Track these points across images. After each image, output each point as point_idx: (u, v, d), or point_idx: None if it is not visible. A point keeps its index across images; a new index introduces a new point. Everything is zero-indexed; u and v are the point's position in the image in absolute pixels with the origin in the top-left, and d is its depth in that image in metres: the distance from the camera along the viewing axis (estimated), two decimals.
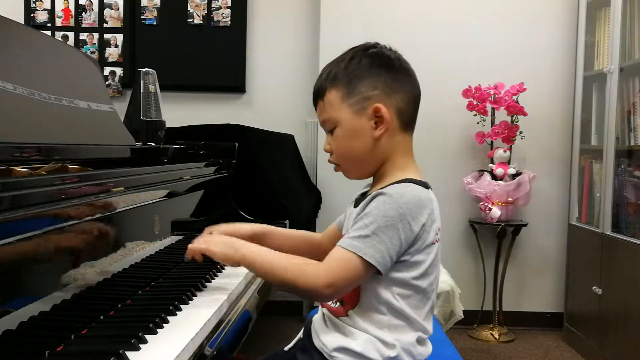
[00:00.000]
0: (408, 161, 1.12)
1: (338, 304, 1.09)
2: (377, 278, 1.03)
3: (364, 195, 1.15)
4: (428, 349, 1.10)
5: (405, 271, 1.03)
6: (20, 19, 3.27)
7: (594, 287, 2.66)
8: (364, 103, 1.07)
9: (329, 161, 1.15)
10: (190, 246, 1.15)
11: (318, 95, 1.13)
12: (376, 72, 1.08)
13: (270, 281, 1.07)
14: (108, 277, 1.08)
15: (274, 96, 3.35)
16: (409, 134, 1.13)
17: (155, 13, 3.29)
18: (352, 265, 0.99)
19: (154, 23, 3.29)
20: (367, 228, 1.00)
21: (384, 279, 1.02)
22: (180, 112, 3.06)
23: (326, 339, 1.08)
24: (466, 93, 3.02)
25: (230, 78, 3.31)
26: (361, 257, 0.99)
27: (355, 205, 1.12)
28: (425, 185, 1.08)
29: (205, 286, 1.25)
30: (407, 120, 1.11)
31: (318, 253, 1.24)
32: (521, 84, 2.99)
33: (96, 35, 3.31)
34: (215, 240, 1.14)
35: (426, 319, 1.08)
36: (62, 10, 3.30)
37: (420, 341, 1.07)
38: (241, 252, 1.08)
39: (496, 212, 2.92)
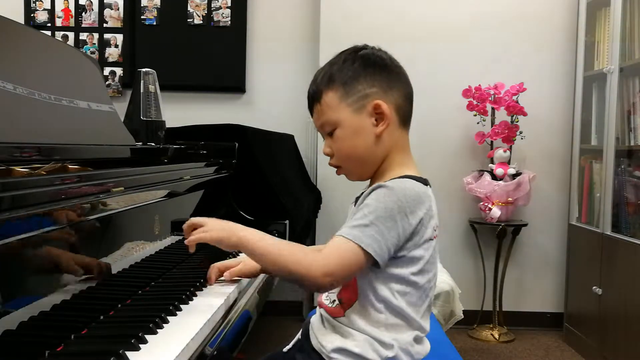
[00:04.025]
0: (406, 158, 1.13)
1: (336, 303, 1.09)
2: (376, 274, 1.03)
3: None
4: (426, 347, 1.10)
5: (403, 267, 1.04)
6: (20, 19, 3.27)
7: (594, 287, 2.66)
8: (363, 101, 1.08)
9: (330, 164, 1.15)
10: (186, 240, 1.12)
11: (314, 98, 1.12)
12: (371, 71, 1.09)
13: (269, 268, 1.06)
14: (108, 277, 1.08)
15: (274, 96, 3.35)
16: (407, 131, 1.14)
17: (155, 13, 3.29)
18: (350, 254, 0.99)
19: (154, 23, 3.29)
20: (366, 218, 1.00)
21: (382, 274, 1.03)
22: (180, 112, 3.06)
23: (324, 340, 1.09)
24: (466, 93, 3.02)
25: (230, 78, 3.31)
26: (359, 246, 0.99)
27: (356, 204, 1.12)
28: (424, 182, 1.08)
29: (205, 286, 1.25)
30: (405, 116, 1.12)
31: None
32: (521, 84, 2.99)
33: (96, 35, 3.31)
34: (210, 224, 1.11)
35: (424, 317, 1.08)
36: (62, 10, 3.30)
37: (417, 340, 1.07)
38: (238, 236, 1.06)
39: (496, 212, 2.92)
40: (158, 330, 0.93)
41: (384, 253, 1.00)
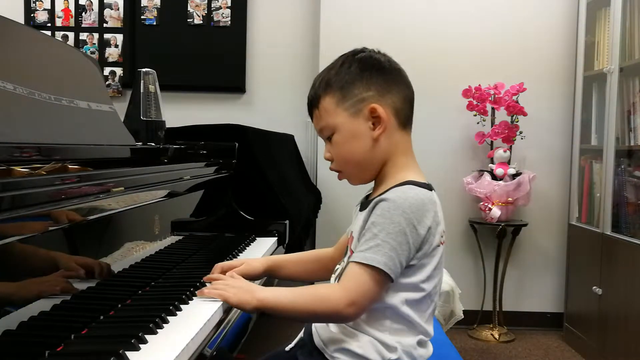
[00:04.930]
0: (408, 160, 1.11)
1: None
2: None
3: (368, 197, 1.15)
4: (429, 350, 1.10)
5: (413, 275, 1.03)
6: (20, 19, 3.27)
7: (594, 287, 2.66)
8: (360, 105, 1.08)
9: (331, 169, 1.14)
10: (205, 290, 1.11)
11: (313, 104, 1.12)
12: (368, 75, 1.09)
13: (296, 318, 1.07)
14: (108, 277, 1.08)
15: (274, 96, 3.35)
16: (408, 133, 1.13)
17: (155, 13, 3.29)
18: (367, 278, 0.99)
19: (154, 23, 3.29)
20: (377, 237, 0.99)
21: (392, 284, 1.02)
22: (180, 112, 3.06)
23: (327, 339, 1.09)
24: (466, 93, 3.02)
25: (230, 78, 3.31)
26: (375, 268, 0.98)
27: (361, 209, 1.12)
28: (428, 187, 1.07)
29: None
30: (404, 119, 1.11)
31: (332, 269, 1.23)
32: (521, 84, 3.00)
33: (96, 35, 3.31)
34: (231, 285, 1.10)
35: (428, 321, 1.08)
36: (62, 10, 3.31)
37: (421, 343, 1.07)
38: (257, 298, 1.04)
39: (496, 212, 2.92)
40: (158, 330, 0.93)
41: (397, 268, 0.99)
